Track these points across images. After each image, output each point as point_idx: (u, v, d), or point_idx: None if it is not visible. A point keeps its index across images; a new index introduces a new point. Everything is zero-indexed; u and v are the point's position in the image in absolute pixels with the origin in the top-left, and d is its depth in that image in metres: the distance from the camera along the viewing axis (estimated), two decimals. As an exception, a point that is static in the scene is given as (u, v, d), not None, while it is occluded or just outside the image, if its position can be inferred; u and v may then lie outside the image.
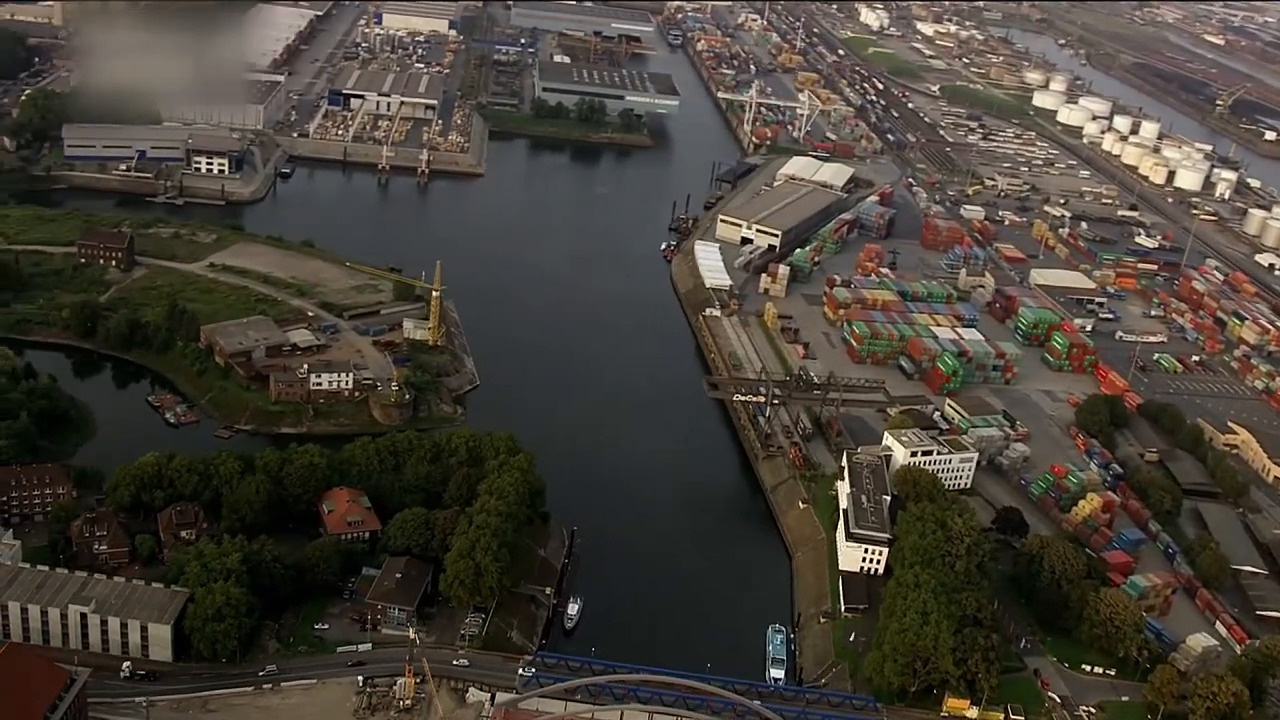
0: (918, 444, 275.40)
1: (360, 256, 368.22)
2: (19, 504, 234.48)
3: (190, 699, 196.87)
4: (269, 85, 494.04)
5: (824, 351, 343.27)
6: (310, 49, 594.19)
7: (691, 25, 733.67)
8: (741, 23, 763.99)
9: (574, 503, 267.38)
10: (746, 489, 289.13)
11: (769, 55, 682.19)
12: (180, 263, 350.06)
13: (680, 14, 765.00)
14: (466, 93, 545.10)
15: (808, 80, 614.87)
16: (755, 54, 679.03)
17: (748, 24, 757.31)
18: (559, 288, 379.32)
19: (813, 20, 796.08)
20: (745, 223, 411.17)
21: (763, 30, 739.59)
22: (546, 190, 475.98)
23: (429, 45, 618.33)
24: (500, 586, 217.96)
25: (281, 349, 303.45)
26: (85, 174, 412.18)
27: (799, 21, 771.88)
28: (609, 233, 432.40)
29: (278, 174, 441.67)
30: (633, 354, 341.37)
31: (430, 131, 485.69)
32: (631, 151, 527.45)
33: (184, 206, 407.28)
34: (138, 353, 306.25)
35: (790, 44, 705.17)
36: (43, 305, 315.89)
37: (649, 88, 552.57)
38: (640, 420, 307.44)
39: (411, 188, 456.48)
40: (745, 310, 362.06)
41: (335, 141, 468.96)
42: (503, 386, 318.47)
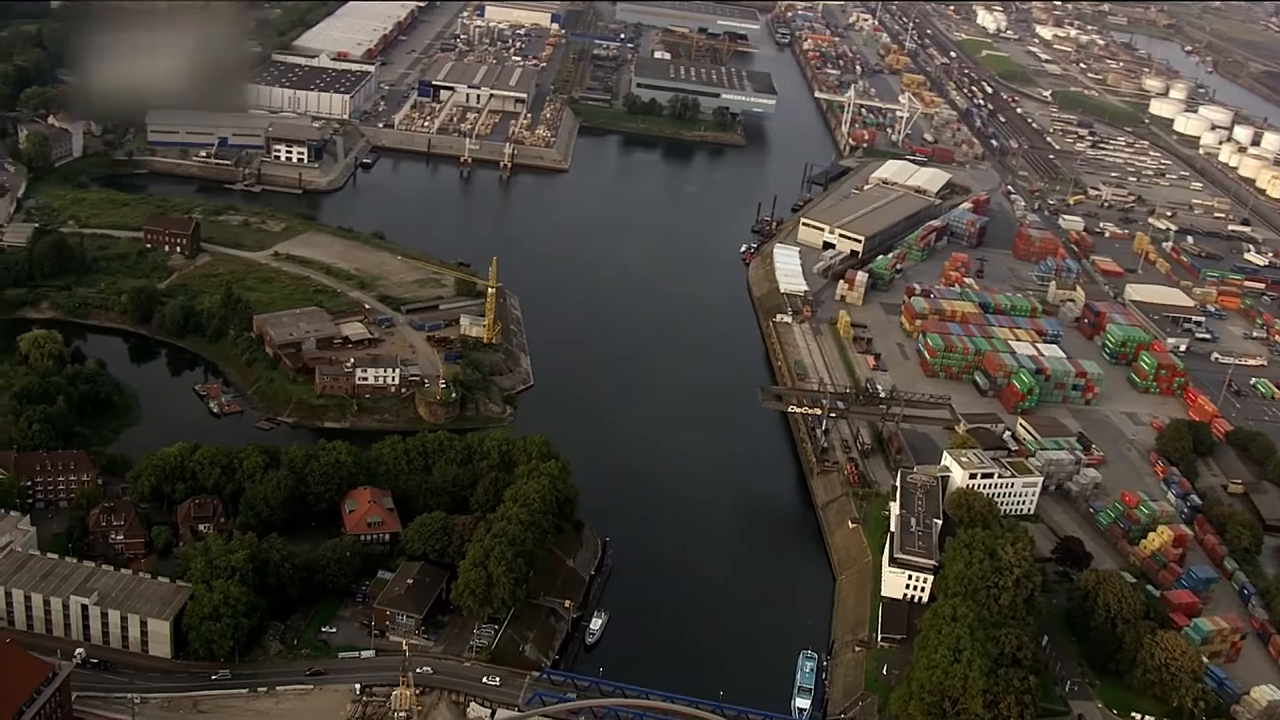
0: (977, 465, 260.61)
1: (433, 250, 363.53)
2: (43, 489, 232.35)
3: (181, 698, 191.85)
4: (358, 75, 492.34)
5: (896, 364, 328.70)
6: (409, 40, 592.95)
7: (800, 24, 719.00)
8: (852, 22, 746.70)
9: (615, 512, 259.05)
10: (798, 505, 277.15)
11: (877, 56, 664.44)
12: (246, 251, 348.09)
13: (790, 12, 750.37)
14: (560, 87, 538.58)
15: (913, 82, 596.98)
16: (863, 54, 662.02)
17: (858, 23, 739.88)
18: (631, 288, 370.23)
19: (927, 21, 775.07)
20: (828, 227, 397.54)
21: (873, 30, 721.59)
22: (631, 188, 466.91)
23: (529, 38, 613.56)
24: (513, 598, 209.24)
25: (332, 341, 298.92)
26: (167, 160, 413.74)
27: (912, 22, 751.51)
28: (690, 233, 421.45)
29: (359, 164, 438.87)
30: (698, 359, 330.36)
31: (517, 125, 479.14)
32: (724, 150, 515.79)
33: (261, 194, 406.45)
34: (191, 340, 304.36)
35: (899, 45, 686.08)
36: (103, 289, 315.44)
37: (746, 86, 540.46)
38: (697, 428, 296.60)
39: (494, 182, 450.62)
40: (818, 318, 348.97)
41: (420, 133, 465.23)
42: (558, 388, 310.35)
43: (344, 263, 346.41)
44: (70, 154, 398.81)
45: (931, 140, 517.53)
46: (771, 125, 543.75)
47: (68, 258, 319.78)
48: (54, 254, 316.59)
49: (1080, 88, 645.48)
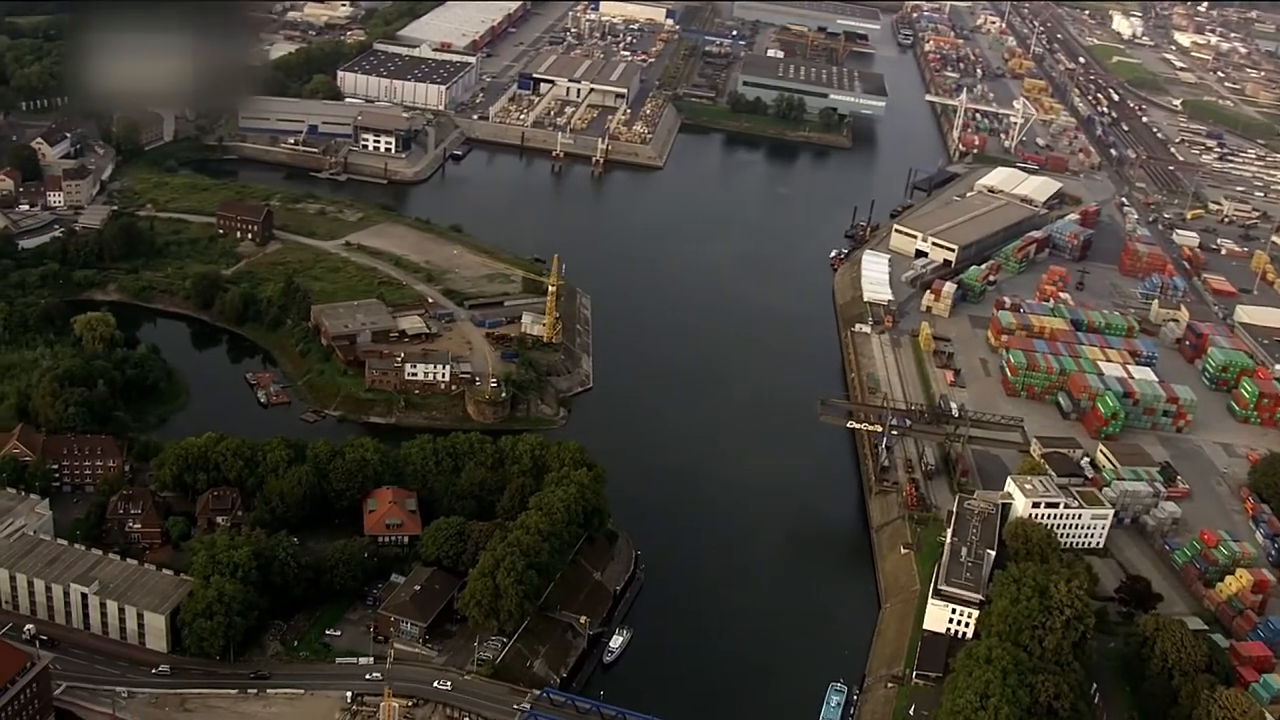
0: (1042, 493, 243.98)
1: (512, 246, 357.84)
2: (70, 473, 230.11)
3: (169, 695, 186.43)
4: (458, 66, 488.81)
5: (976, 380, 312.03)
6: (518, 33, 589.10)
7: (924, 25, 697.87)
8: (979, 24, 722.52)
9: (657, 524, 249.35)
10: (854, 526, 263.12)
11: (1000, 60, 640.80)
12: (318, 240, 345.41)
13: (916, 13, 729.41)
14: (666, 83, 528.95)
15: (1033, 87, 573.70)
16: (986, 58, 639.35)
17: (985, 26, 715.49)
18: (710, 291, 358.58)
19: (1058, 25, 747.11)
20: (921, 234, 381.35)
21: (999, 33, 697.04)
22: (725, 188, 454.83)
23: (641, 34, 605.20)
24: (521, 611, 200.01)
25: (388, 335, 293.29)
26: (256, 146, 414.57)
27: (1043, 26, 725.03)
28: (780, 236, 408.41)
29: (449, 156, 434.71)
30: (769, 368, 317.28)
31: (614, 120, 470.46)
32: (829, 152, 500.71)
33: (347, 183, 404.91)
34: (250, 328, 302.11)
35: (1025, 49, 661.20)
36: (169, 274, 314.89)
37: (855, 87, 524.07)
38: (758, 440, 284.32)
39: (585, 177, 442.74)
40: (900, 329, 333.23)
41: (515, 126, 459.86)
42: (617, 391, 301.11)
43: (415, 255, 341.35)
44: (161, 138, 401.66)
45: (1046, 147, 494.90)
46: (882, 128, 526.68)
47: (137, 241, 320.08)
48: (123, 237, 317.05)
49: (1215, 97, 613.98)
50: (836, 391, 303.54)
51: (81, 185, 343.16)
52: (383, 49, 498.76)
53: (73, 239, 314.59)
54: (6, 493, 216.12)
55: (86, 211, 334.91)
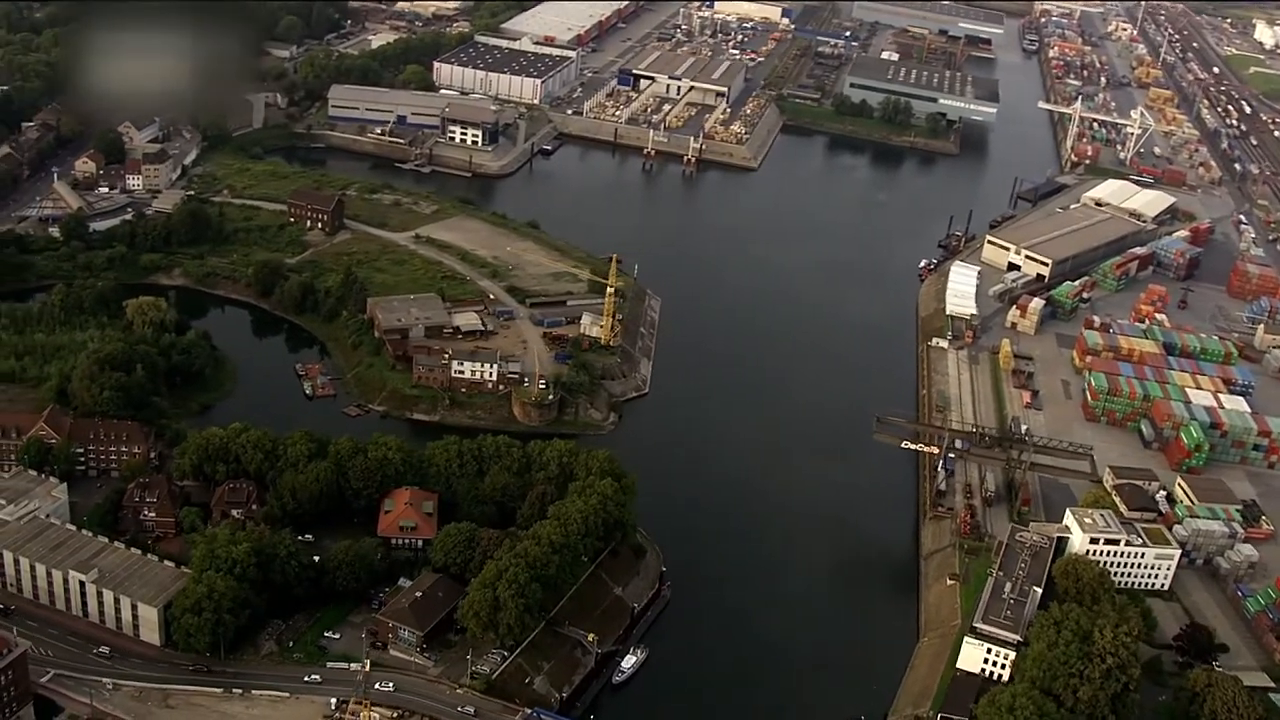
0: (1102, 529, 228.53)
1: (590, 244, 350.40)
2: (96, 458, 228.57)
3: (152, 690, 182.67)
4: (557, 60, 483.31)
5: (1055, 403, 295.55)
6: (627, 28, 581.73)
7: (1051, 31, 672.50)
8: (1110, 31, 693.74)
9: (696, 539, 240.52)
10: (904, 552, 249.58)
11: (1128, 68, 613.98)
12: (389, 231, 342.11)
13: (1044, 18, 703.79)
14: (772, 83, 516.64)
15: (1159, 97, 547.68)
16: (1113, 65, 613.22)
17: (1116, 32, 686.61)
18: (789, 297, 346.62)
19: (1195, 33, 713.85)
20: (1014, 247, 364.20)
21: (1130, 40, 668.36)
22: (820, 191, 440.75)
23: (754, 32, 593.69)
24: (521, 625, 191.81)
25: (442, 331, 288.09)
26: (344, 135, 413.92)
27: (1178, 34, 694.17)
28: (871, 243, 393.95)
29: (538, 150, 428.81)
30: (839, 381, 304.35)
31: (711, 119, 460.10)
32: (935, 159, 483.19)
33: (431, 175, 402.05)
34: (307, 318, 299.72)
35: (1155, 57, 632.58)
36: (234, 260, 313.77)
37: (967, 91, 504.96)
38: (817, 456, 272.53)
39: (677, 176, 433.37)
40: (979, 345, 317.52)
41: (609, 122, 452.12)
42: (674, 398, 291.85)
43: (484, 250, 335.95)
44: (250, 124, 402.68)
45: (1164, 160, 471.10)
46: (995, 136, 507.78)
47: (204, 226, 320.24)
48: (190, 222, 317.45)
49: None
50: (906, 408, 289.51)
51: (160, 169, 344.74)
52: (483, 41, 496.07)
53: (141, 222, 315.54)
54: (27, 475, 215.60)
55: (161, 195, 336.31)
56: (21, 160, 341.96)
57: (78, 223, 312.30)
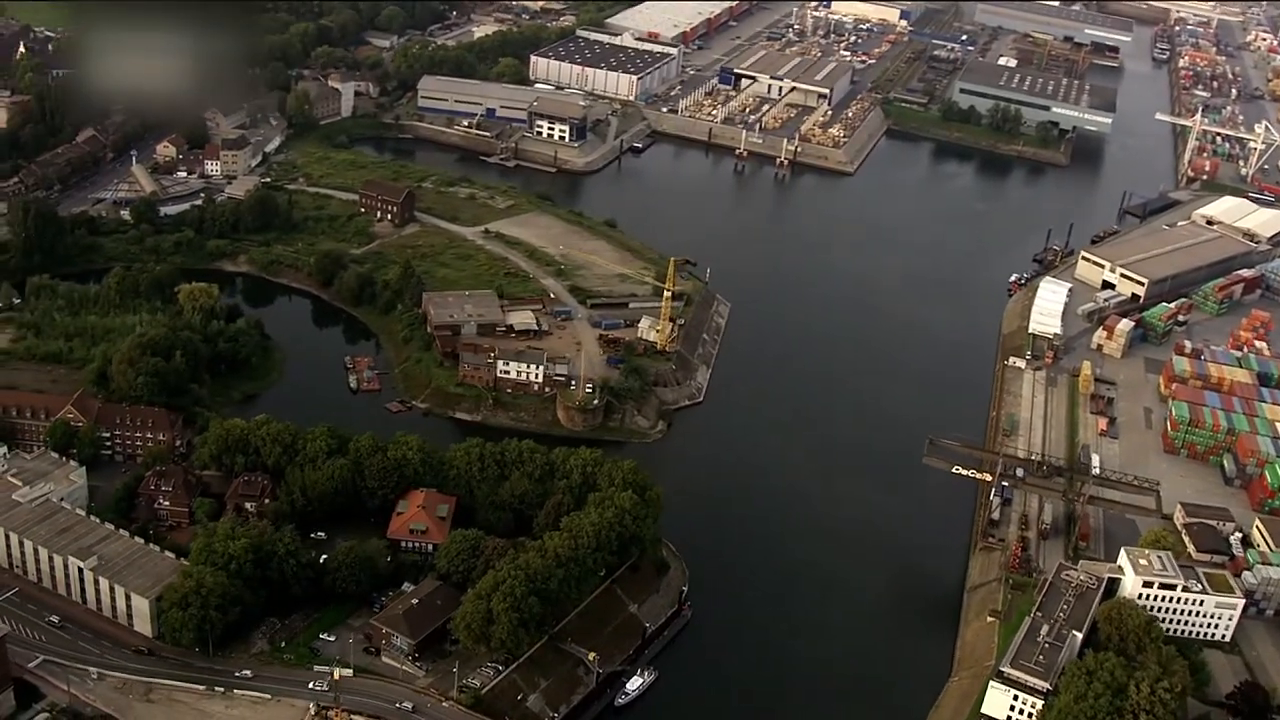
0: (1158, 571, 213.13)
1: (665, 245, 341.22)
2: (122, 443, 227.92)
3: (135, 682, 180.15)
4: (658, 56, 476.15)
5: (1134, 431, 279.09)
6: (738, 26, 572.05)
7: (1184, 39, 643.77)
8: (1249, 40, 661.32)
9: (728, 557, 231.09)
10: (949, 584, 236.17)
11: (1264, 80, 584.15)
12: (460, 225, 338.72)
13: (1178, 26, 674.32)
14: (881, 86, 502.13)
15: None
16: (1247, 77, 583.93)
17: (1255, 42, 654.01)
18: (867, 308, 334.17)
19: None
20: (1109, 264, 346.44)
21: (1268, 51, 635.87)
22: (917, 200, 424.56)
23: (869, 34, 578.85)
24: (516, 639, 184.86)
25: (495, 328, 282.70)
26: (432, 126, 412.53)
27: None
28: (963, 255, 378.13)
29: (628, 148, 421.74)
30: (909, 397, 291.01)
31: (809, 121, 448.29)
32: (1043, 169, 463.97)
33: (516, 170, 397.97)
34: (364, 310, 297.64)
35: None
36: (299, 249, 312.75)
37: (1082, 100, 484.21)
38: (872, 475, 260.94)
39: (769, 179, 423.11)
40: (1060, 366, 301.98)
41: (703, 121, 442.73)
42: (730, 407, 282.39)
43: (552, 248, 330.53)
44: (338, 113, 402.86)
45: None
46: (1111, 148, 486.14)
47: (272, 213, 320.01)
48: (258, 209, 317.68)
49: None
50: (974, 431, 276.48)
51: (238, 155, 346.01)
52: (583, 36, 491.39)
53: (210, 208, 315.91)
54: (49, 456, 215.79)
55: (236, 182, 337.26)
56: (105, 143, 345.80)
57: (148, 206, 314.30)
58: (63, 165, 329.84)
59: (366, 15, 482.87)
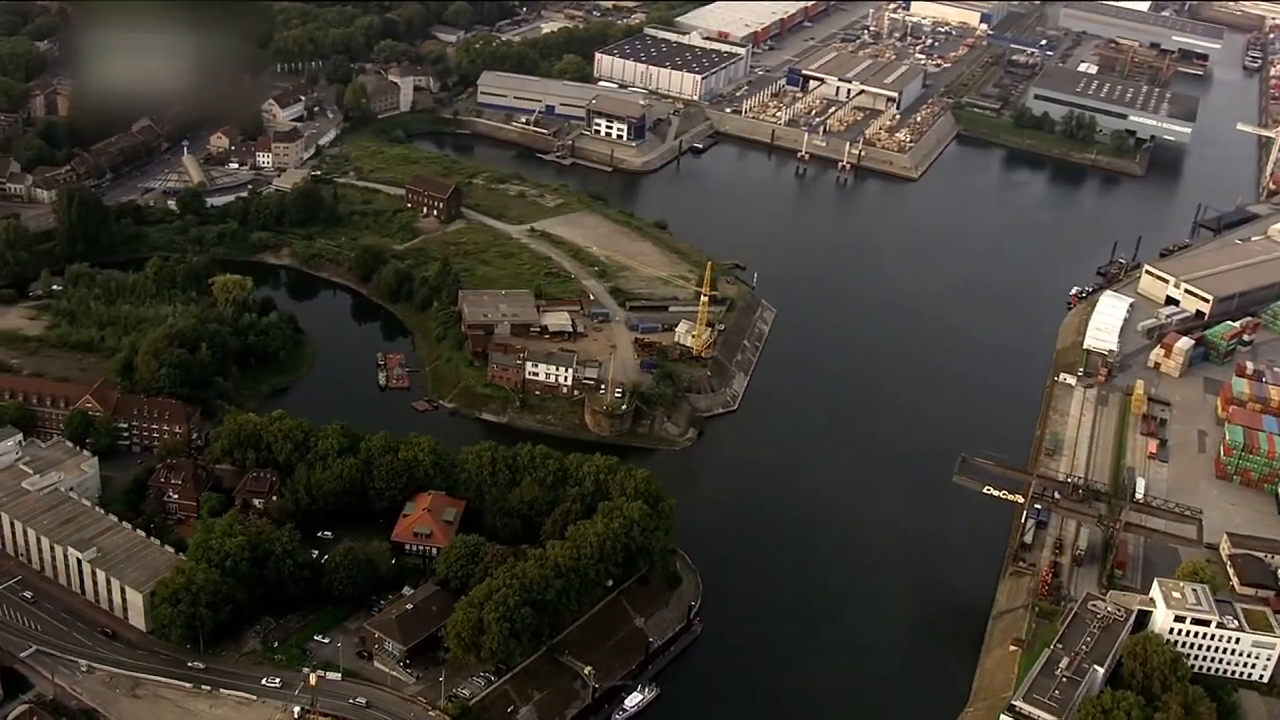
0: (1191, 605, 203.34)
1: (715, 248, 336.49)
2: (139, 434, 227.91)
3: (123, 677, 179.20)
4: (725, 56, 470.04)
5: (1185, 455, 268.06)
6: (813, 27, 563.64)
7: (1278, 47, 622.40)
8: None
9: (748, 573, 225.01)
10: (978, 608, 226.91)
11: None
12: (506, 223, 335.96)
13: (1273, 33, 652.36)
14: (953, 90, 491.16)
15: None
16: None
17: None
18: (919, 319, 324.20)
19: None
20: (1174, 279, 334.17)
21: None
22: (982, 209, 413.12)
23: (946, 37, 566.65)
24: (507, 649, 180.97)
25: (529, 329, 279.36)
26: (490, 122, 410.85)
27: None
28: (1024, 266, 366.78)
29: (688, 148, 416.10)
30: (953, 412, 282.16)
31: (875, 125, 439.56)
32: (1117, 179, 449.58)
33: (572, 168, 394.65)
34: (401, 307, 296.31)
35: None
36: (341, 244, 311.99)
37: (1161, 109, 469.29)
38: (908, 493, 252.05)
39: (830, 183, 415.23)
40: (1113, 384, 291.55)
41: (767, 123, 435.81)
42: (765, 417, 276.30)
43: (597, 248, 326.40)
44: (396, 108, 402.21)
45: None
46: (1191, 158, 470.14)
47: (316, 207, 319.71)
48: (302, 202, 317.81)
49: None
50: (1016, 449, 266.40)
51: (290, 148, 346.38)
52: (651, 34, 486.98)
53: (254, 200, 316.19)
54: (63, 446, 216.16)
55: (285, 174, 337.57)
56: (160, 132, 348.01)
57: (194, 196, 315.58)
58: (115, 154, 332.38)
59: (434, 10, 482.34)
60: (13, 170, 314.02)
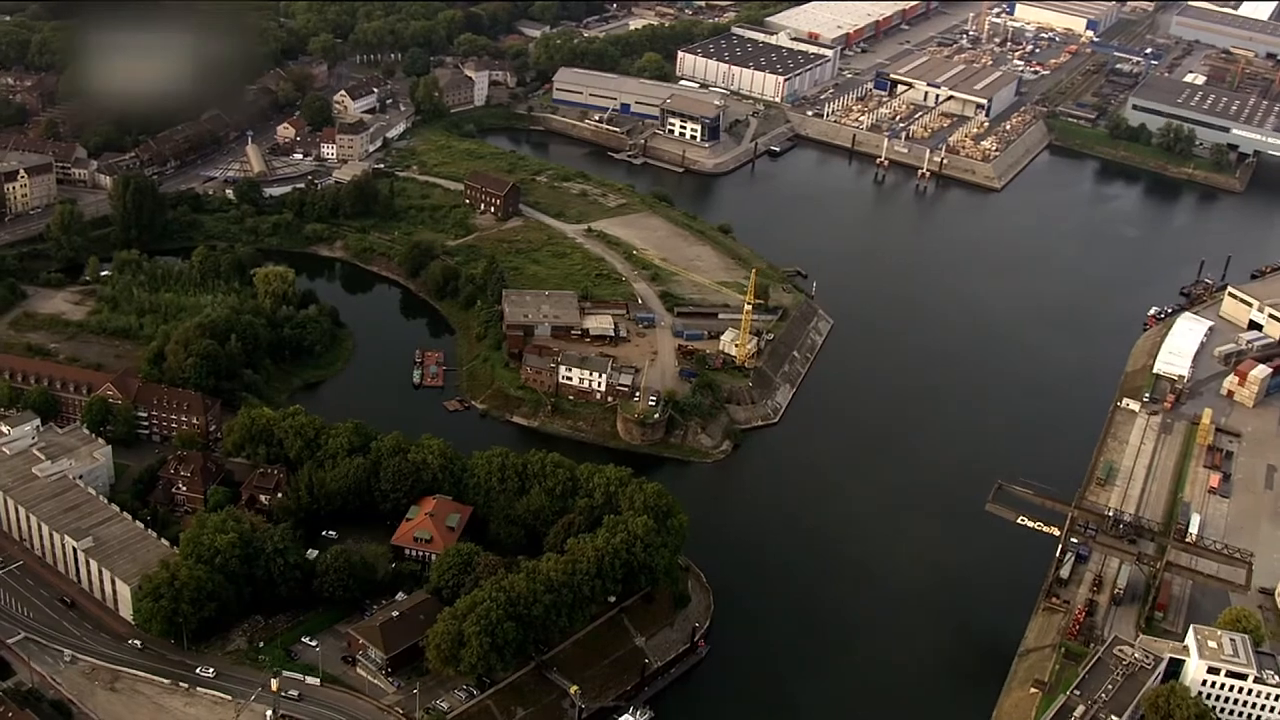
0: (1228, 658, 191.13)
1: (781, 255, 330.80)
2: (158, 423, 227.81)
3: (104, 669, 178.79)
4: (811, 58, 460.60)
5: (1250, 492, 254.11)
6: (910, 30, 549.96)
7: None
8: None
9: (765, 595, 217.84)
10: (1006, 645, 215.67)
11: None
12: (564, 221, 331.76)
13: None
14: (1050, 99, 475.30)
15: None
16: None
17: None
18: (984, 335, 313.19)
19: None
20: (1258, 303, 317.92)
21: None
22: (1065, 222, 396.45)
23: (1049, 43, 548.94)
24: (487, 664, 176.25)
25: (570, 331, 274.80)
26: (564, 119, 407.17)
27: None
28: (1103, 283, 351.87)
29: (764, 151, 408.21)
30: (1006, 435, 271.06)
31: (960, 132, 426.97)
32: (1216, 196, 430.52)
33: (643, 167, 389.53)
34: (446, 304, 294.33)
35: None
36: (395, 238, 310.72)
37: (1267, 123, 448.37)
38: (945, 519, 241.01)
39: (910, 190, 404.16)
40: (1180, 412, 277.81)
41: (848, 127, 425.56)
42: (806, 432, 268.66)
43: (654, 250, 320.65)
44: (470, 102, 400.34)
45: None
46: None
47: (371, 200, 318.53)
48: (356, 195, 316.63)
49: None
50: (1071, 477, 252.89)
51: (354, 140, 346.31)
52: (738, 33, 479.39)
53: (310, 192, 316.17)
54: (80, 433, 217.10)
55: (346, 166, 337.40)
56: (228, 122, 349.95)
57: (251, 186, 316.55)
58: (180, 142, 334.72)
59: (521, 6, 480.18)
60: (78, 155, 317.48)
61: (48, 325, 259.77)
